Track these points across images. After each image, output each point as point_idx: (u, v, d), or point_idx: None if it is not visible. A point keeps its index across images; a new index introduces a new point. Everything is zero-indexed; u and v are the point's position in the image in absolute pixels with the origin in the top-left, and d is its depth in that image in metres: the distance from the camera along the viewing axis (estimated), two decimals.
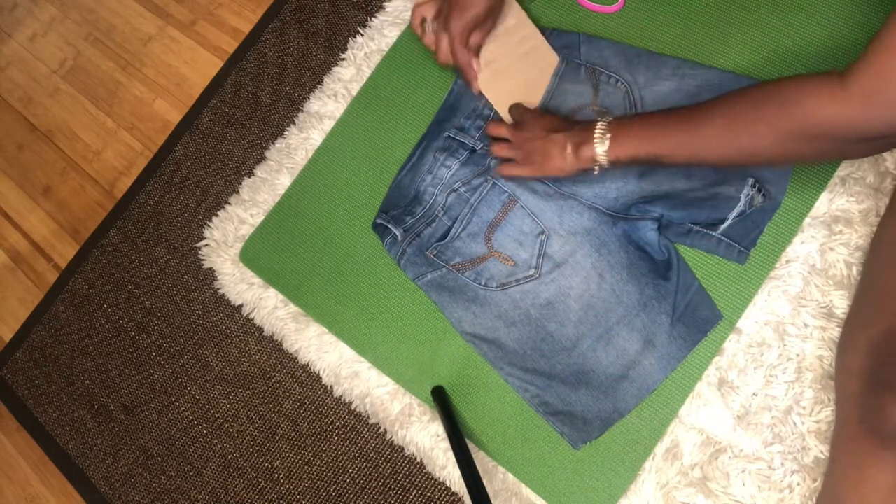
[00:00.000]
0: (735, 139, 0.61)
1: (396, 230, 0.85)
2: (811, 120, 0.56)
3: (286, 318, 0.92)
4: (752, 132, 0.60)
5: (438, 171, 0.85)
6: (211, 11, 1.16)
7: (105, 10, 1.23)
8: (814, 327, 0.72)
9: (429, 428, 0.83)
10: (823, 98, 0.55)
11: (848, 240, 0.73)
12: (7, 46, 1.27)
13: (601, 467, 0.75)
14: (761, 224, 0.75)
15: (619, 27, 0.87)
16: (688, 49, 0.83)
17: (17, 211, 1.17)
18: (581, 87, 0.84)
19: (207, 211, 1.03)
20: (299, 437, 0.90)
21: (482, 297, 0.81)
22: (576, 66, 0.85)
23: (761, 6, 0.82)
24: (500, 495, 0.78)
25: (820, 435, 0.69)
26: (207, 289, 0.99)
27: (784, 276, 0.74)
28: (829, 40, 0.78)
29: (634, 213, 0.77)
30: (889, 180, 0.73)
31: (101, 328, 1.03)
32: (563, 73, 0.85)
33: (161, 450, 0.95)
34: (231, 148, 1.05)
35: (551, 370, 0.77)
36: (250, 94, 1.07)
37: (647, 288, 0.76)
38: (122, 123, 1.15)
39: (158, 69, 1.16)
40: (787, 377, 0.72)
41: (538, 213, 0.80)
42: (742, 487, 0.70)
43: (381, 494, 0.85)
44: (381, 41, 0.99)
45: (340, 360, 0.88)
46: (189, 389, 0.96)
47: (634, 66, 0.83)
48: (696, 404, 0.74)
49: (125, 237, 1.06)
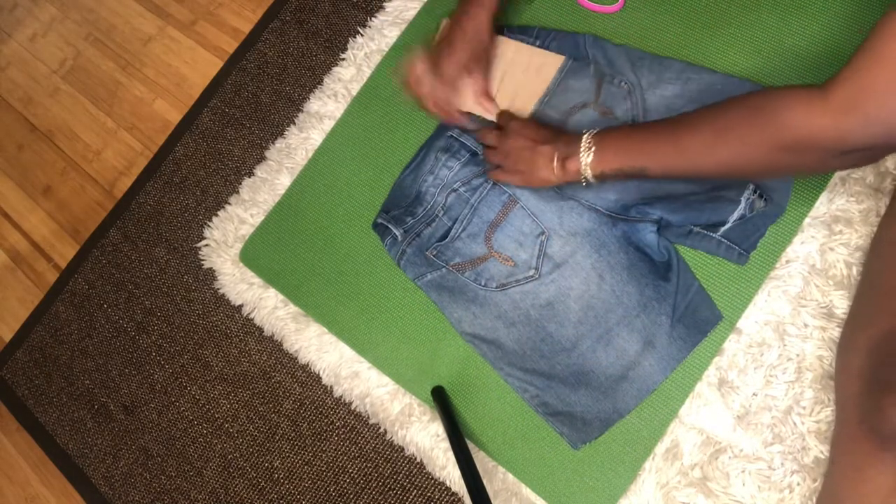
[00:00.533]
0: (718, 151, 0.61)
1: (396, 230, 0.85)
2: (791, 132, 0.55)
3: (286, 318, 0.92)
4: (733, 145, 0.60)
5: (440, 172, 0.85)
6: (211, 11, 1.16)
7: (105, 10, 1.23)
8: (814, 327, 0.72)
9: (429, 428, 0.83)
10: (803, 110, 0.54)
11: (848, 240, 0.73)
12: (7, 46, 1.28)
13: (601, 467, 0.75)
14: (762, 228, 0.75)
15: (619, 27, 0.87)
16: (688, 49, 0.83)
17: (18, 211, 1.17)
18: (585, 84, 0.84)
19: (207, 211, 1.03)
20: (299, 437, 0.90)
21: (482, 297, 0.81)
22: (584, 65, 0.85)
23: (761, 6, 0.82)
24: (500, 495, 0.78)
25: (820, 435, 0.69)
26: (207, 289, 0.99)
27: (784, 276, 0.74)
28: (830, 41, 0.78)
29: (634, 215, 0.77)
30: (889, 180, 0.73)
31: (101, 328, 1.03)
32: (568, 70, 0.85)
33: (161, 450, 0.95)
34: (231, 148, 1.05)
35: (551, 370, 0.77)
36: (250, 94, 1.07)
37: (647, 289, 0.76)
38: (122, 123, 1.15)
39: (158, 69, 1.16)
40: (787, 377, 0.72)
41: (538, 213, 0.80)
42: (742, 487, 0.70)
43: (381, 494, 0.85)
44: (381, 41, 0.99)
45: (340, 360, 0.88)
46: (189, 389, 0.96)
47: (638, 69, 0.83)
48: (696, 404, 0.74)
49: (125, 237, 1.06)
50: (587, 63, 0.85)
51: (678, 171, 0.65)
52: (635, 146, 0.67)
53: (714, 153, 0.61)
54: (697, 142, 0.62)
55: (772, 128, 0.56)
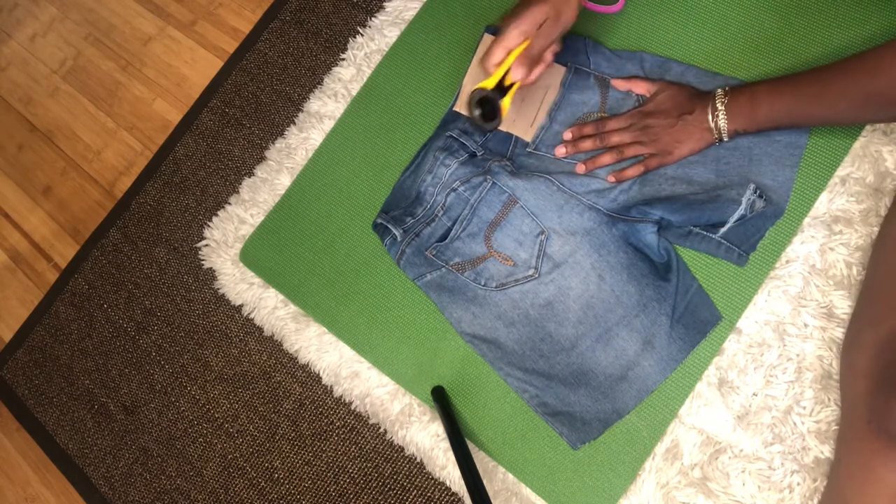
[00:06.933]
0: (865, 113, 0.65)
1: (396, 230, 0.85)
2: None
3: (286, 318, 0.92)
4: (889, 110, 0.62)
5: (438, 171, 0.85)
6: (211, 11, 1.16)
7: (105, 10, 1.23)
8: (814, 327, 0.72)
9: (429, 428, 0.83)
10: None
11: (848, 240, 0.73)
12: (7, 46, 1.28)
13: (601, 467, 0.75)
14: (762, 229, 0.75)
15: (619, 27, 0.87)
16: (687, 49, 0.83)
17: (18, 211, 1.17)
18: (588, 94, 0.84)
19: (207, 211, 1.03)
20: (299, 437, 0.90)
21: (481, 297, 0.81)
22: (585, 74, 0.85)
23: (761, 7, 0.82)
24: (500, 495, 0.78)
25: (820, 435, 0.69)
26: (207, 289, 0.99)
27: (784, 276, 0.74)
28: (830, 41, 0.78)
29: (634, 215, 0.77)
30: (889, 180, 0.73)
31: (101, 328, 1.03)
32: (570, 83, 0.85)
33: (161, 450, 0.95)
34: (231, 148, 1.05)
35: (550, 370, 0.77)
36: (250, 94, 1.07)
37: (647, 289, 0.76)
38: (122, 123, 1.15)
39: (158, 69, 1.16)
40: (787, 377, 0.72)
41: (538, 213, 0.80)
42: (742, 487, 0.70)
43: (381, 494, 0.85)
44: (381, 41, 0.99)
45: (340, 360, 0.88)
46: (189, 389, 0.96)
47: (639, 71, 0.83)
48: (696, 404, 0.74)
49: (125, 237, 1.06)
50: (587, 74, 0.85)
51: (816, 124, 0.72)
52: (784, 104, 0.69)
53: (861, 115, 0.66)
54: (845, 106, 0.65)
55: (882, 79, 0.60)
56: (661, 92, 0.78)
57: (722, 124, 0.73)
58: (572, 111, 0.85)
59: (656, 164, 0.77)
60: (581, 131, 0.82)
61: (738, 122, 0.72)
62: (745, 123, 0.72)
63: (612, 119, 0.80)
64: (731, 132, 0.73)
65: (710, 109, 0.73)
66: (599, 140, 0.80)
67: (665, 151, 0.76)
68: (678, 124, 0.75)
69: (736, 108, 0.72)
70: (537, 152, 0.84)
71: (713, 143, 0.75)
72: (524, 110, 0.85)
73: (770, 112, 0.69)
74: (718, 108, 0.72)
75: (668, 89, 0.78)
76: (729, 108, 0.72)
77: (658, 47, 0.85)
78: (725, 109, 0.72)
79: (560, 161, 0.83)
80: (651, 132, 0.77)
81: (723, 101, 0.72)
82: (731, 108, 0.72)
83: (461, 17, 0.96)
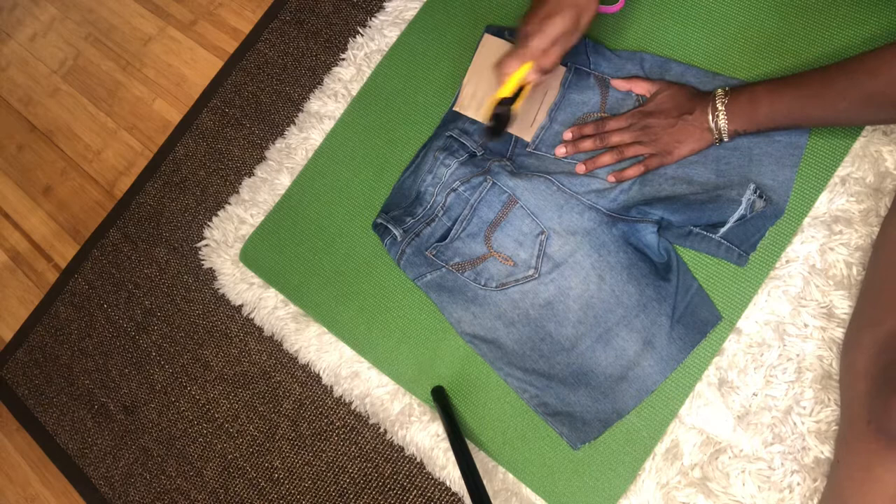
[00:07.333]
0: (866, 114, 0.65)
1: (396, 230, 0.85)
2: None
3: (286, 318, 0.92)
4: (887, 111, 0.62)
5: (437, 170, 0.85)
6: (211, 11, 1.16)
7: (105, 10, 1.23)
8: (814, 327, 0.72)
9: (429, 428, 0.83)
10: None
11: (848, 240, 0.73)
12: (7, 46, 1.27)
13: (601, 467, 0.75)
14: (762, 229, 0.75)
15: (619, 27, 0.87)
16: (687, 49, 0.83)
17: (18, 211, 1.17)
18: (588, 94, 0.84)
19: (207, 211, 1.03)
20: (299, 437, 0.90)
21: (481, 297, 0.81)
22: (585, 74, 0.85)
23: (761, 7, 0.82)
24: (500, 495, 0.78)
25: (820, 435, 0.69)
26: (207, 289, 0.99)
27: (784, 276, 0.74)
28: (830, 42, 0.78)
29: (634, 215, 0.77)
30: (889, 180, 0.73)
31: (101, 328, 1.03)
32: (570, 83, 0.85)
33: (161, 450, 0.95)
34: (231, 148, 1.05)
35: (550, 370, 0.77)
36: (250, 94, 1.07)
37: (647, 289, 0.76)
38: (122, 123, 1.15)
39: (158, 69, 1.16)
40: (787, 377, 0.72)
41: (538, 213, 0.80)
42: (742, 487, 0.70)
43: (381, 494, 0.85)
44: (381, 41, 0.99)
45: (340, 360, 0.88)
46: (189, 389, 0.96)
47: (639, 71, 0.83)
48: (696, 404, 0.74)
49: (125, 237, 1.06)
50: (587, 74, 0.85)
51: (816, 125, 0.72)
52: (784, 104, 0.69)
53: (861, 115, 0.66)
54: (845, 106, 0.64)
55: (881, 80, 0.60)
56: (662, 92, 0.78)
57: (722, 124, 0.72)
58: (572, 111, 0.85)
59: (656, 164, 0.77)
60: (581, 131, 0.82)
61: (738, 123, 0.72)
62: (746, 124, 0.71)
63: (612, 119, 0.80)
64: (732, 132, 0.73)
65: (711, 109, 0.73)
66: (599, 140, 0.80)
67: (665, 151, 0.76)
68: (678, 124, 0.75)
69: (736, 108, 0.71)
70: (537, 152, 0.84)
71: (713, 143, 0.75)
72: (524, 110, 0.85)
73: (770, 112, 0.69)
74: (718, 108, 0.72)
75: (669, 89, 0.78)
76: (729, 109, 0.72)
77: (658, 47, 0.85)
78: (725, 109, 0.72)
79: (560, 161, 0.83)
80: (651, 132, 0.77)
81: (723, 101, 0.72)
82: (732, 108, 0.72)
83: (461, 17, 0.96)
